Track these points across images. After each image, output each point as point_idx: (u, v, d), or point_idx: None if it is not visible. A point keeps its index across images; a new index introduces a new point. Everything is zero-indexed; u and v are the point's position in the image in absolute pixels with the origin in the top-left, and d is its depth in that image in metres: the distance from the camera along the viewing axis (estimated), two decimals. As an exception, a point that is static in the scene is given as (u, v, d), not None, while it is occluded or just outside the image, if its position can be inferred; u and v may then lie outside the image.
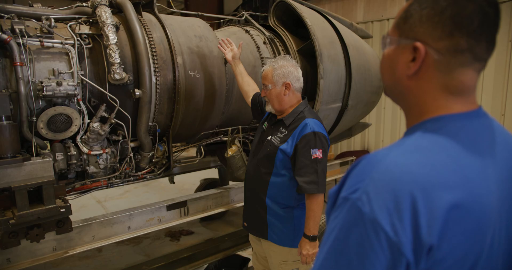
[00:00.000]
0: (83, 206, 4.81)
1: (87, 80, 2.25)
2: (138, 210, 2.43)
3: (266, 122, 2.27)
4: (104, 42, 2.26)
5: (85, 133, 2.33)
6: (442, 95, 0.72)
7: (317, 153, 1.96)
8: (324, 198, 2.02)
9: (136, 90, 2.35)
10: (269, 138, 2.12)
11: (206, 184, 4.50)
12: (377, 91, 4.03)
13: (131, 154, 2.54)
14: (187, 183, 5.69)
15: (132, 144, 2.52)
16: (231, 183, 3.36)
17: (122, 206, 4.97)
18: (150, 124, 2.52)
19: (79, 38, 2.26)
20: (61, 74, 2.17)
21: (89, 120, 2.31)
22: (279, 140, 2.07)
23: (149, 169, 2.70)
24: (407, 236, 0.60)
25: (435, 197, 0.61)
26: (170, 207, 2.55)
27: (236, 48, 2.55)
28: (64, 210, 1.99)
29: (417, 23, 0.72)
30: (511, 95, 4.74)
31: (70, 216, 2.09)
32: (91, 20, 2.40)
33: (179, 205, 2.60)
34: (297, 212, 2.15)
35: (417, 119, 0.76)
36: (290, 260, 2.18)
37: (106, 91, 2.30)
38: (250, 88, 2.51)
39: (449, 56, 0.70)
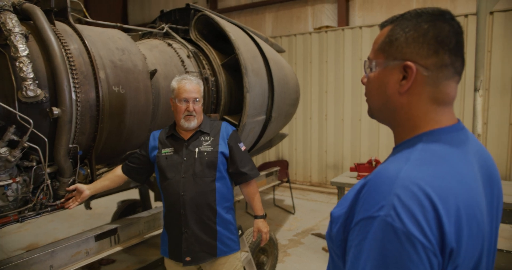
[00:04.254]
0: (-31, 246, 4.02)
1: (-9, 98, 1.91)
2: (61, 245, 2.11)
3: (166, 149, 2.22)
4: (12, 54, 1.95)
5: (-12, 160, 1.96)
6: (431, 107, 0.80)
7: (243, 146, 2.28)
8: None
9: (54, 108, 2.06)
10: (196, 150, 2.16)
11: (125, 207, 4.17)
12: (294, 103, 4.25)
13: (48, 181, 2.21)
14: (99, 207, 5.19)
15: (48, 170, 2.21)
16: (158, 203, 3.17)
17: (23, 242, 4.30)
18: (70, 146, 2.24)
19: (-23, 49, 1.91)
20: (-44, 92, 1.80)
21: (-7, 145, 1.96)
22: (211, 146, 2.17)
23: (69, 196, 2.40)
24: (437, 240, 0.65)
25: (451, 205, 0.68)
26: (99, 237, 2.28)
27: (79, 189, 2.28)
28: (-30, 256, 1.64)
29: (404, 45, 0.80)
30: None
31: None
32: (-9, 28, 2.05)
33: (109, 234, 2.34)
34: (233, 212, 2.28)
35: (409, 134, 0.82)
36: (238, 265, 2.24)
37: (16, 110, 1.98)
38: (115, 173, 2.37)
39: (436, 71, 0.79)
